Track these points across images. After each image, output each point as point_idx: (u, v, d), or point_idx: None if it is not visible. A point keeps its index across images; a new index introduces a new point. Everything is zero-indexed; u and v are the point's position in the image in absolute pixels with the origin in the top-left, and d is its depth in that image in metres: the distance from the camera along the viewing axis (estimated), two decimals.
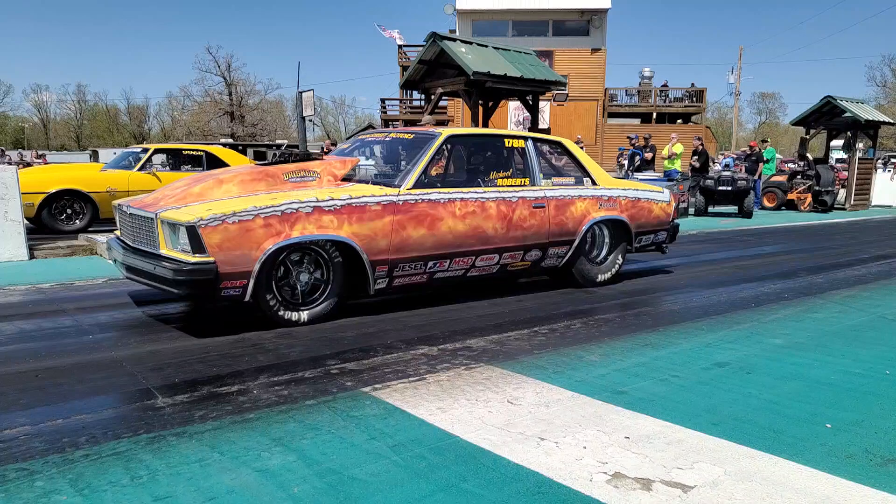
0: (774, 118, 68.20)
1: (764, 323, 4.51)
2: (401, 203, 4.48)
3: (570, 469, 2.28)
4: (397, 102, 35.38)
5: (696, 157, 15.32)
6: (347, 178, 4.83)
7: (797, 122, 18.24)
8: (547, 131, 14.95)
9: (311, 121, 20.90)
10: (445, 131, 5.03)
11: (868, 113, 16.81)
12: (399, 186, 4.57)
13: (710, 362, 3.57)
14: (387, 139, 5.56)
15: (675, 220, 6.46)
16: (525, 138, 5.52)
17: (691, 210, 14.82)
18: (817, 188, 16.34)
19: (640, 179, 12.81)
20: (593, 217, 5.56)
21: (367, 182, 4.77)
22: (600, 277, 5.81)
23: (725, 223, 13.10)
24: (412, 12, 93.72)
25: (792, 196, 16.62)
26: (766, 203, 16.83)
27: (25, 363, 3.41)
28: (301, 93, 14.42)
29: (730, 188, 14.09)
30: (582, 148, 6.69)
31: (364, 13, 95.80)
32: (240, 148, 35.24)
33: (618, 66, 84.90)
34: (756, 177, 15.87)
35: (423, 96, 12.27)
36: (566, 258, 5.53)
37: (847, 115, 16.45)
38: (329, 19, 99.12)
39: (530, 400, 2.95)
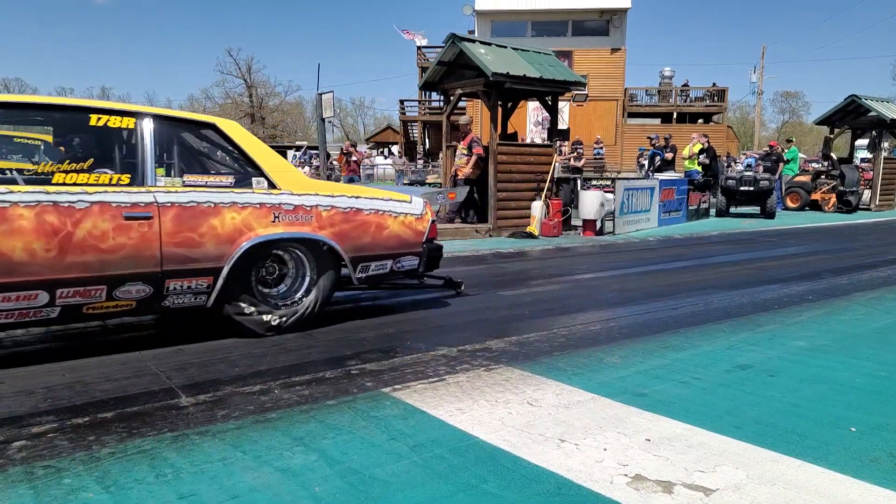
0: (798, 117, 67.27)
1: (787, 325, 4.46)
2: None
3: (591, 471, 2.27)
4: (416, 103, 35.47)
5: (704, 155, 15.18)
6: None
7: (821, 122, 18.02)
8: (566, 132, 14.91)
9: (330, 122, 21.04)
10: None
11: (893, 112, 16.54)
12: None
13: (731, 364, 3.54)
14: None
15: (435, 240, 4.87)
16: (137, 115, 3.78)
17: (712, 211, 14.68)
18: (842, 188, 16.12)
19: (661, 180, 12.73)
20: (259, 234, 3.89)
21: None
22: (283, 320, 4.09)
23: (747, 224, 12.96)
24: (431, 14, 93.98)
25: (816, 196, 16.41)
26: (789, 203, 16.64)
27: (52, 362, 3.48)
28: (321, 94, 14.54)
29: (752, 188, 13.94)
30: (603, 149, 6.42)
31: (383, 15, 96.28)
32: None
33: (638, 65, 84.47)
34: (776, 177, 15.70)
35: (442, 97, 12.29)
36: (213, 294, 3.83)
37: (872, 113, 16.22)
38: (348, 21, 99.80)
39: (550, 401, 2.95)
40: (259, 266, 4.07)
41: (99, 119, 3.67)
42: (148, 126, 3.76)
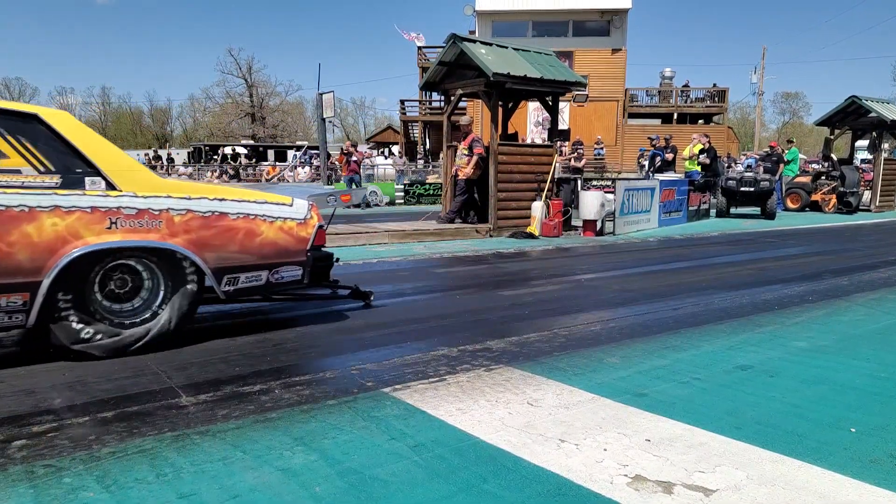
0: (798, 118, 67.28)
1: (787, 326, 4.46)
2: None
3: (591, 471, 2.27)
4: (417, 104, 35.45)
5: (705, 155, 15.19)
6: None
7: (821, 123, 18.01)
8: (567, 132, 14.92)
9: (330, 122, 21.06)
10: None
11: (894, 113, 16.52)
12: None
13: (732, 365, 3.54)
14: None
15: (324, 248, 4.40)
16: None
17: (713, 211, 14.69)
18: (842, 189, 16.12)
19: (661, 180, 12.72)
20: (89, 243, 3.39)
21: None
22: (130, 339, 3.61)
23: (748, 224, 12.96)
24: (432, 14, 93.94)
25: (816, 197, 16.40)
26: (789, 204, 16.64)
27: (52, 362, 3.48)
28: (321, 94, 14.57)
29: (752, 189, 13.93)
30: (604, 149, 6.36)
31: (383, 15, 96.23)
32: (261, 149, 35.59)
33: (638, 66, 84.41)
34: (776, 178, 15.70)
35: (442, 97, 12.28)
36: (33, 312, 3.32)
37: (872, 115, 16.22)
38: (348, 21, 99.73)
39: (550, 402, 2.95)
40: (102, 278, 3.59)
41: None
42: None
